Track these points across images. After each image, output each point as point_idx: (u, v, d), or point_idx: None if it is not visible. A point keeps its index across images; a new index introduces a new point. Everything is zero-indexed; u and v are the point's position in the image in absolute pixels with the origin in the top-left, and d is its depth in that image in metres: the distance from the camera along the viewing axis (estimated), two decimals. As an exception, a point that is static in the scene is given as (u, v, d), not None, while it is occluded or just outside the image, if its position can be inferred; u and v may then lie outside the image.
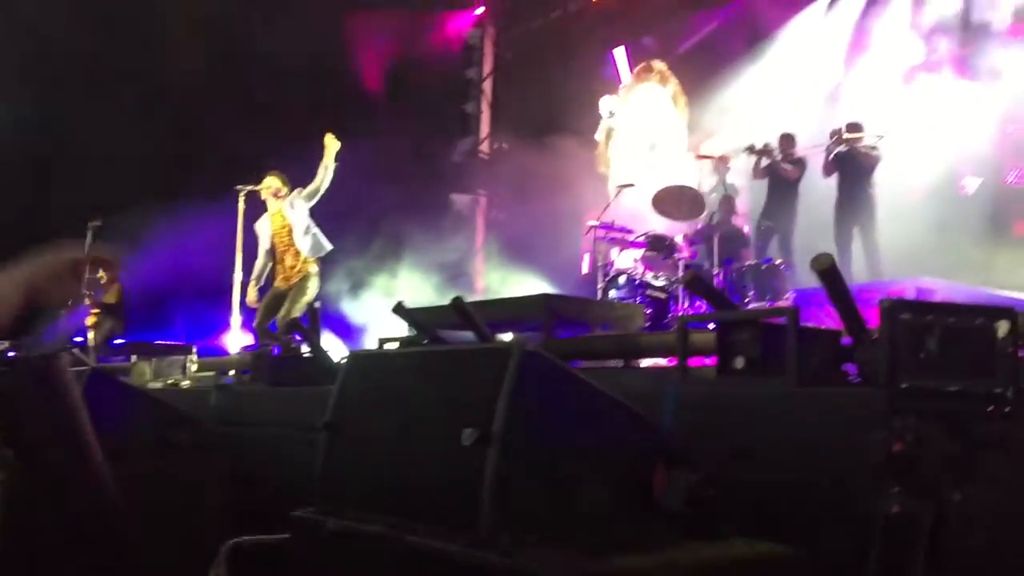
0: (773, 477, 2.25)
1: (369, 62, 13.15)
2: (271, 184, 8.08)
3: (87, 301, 11.03)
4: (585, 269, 9.89)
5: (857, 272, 8.39)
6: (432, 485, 2.29)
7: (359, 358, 2.86)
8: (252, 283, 8.16)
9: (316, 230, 8.02)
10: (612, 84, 13.17)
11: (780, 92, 10.81)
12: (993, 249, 8.85)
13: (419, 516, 2.26)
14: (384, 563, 2.27)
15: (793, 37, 11.08)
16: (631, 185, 9.82)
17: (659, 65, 12.36)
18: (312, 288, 7.98)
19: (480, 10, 15.36)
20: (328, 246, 8.10)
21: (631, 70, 13.06)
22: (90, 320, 11.01)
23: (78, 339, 10.89)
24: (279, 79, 11.86)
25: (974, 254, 8.79)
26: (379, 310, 10.97)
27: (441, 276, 14.89)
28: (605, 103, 12.60)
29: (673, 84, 12.06)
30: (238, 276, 8.26)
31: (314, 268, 8.02)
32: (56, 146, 11.29)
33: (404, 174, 12.54)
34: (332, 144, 7.99)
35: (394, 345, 4.51)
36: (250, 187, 8.22)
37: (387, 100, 12.77)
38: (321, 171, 7.93)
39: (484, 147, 15.55)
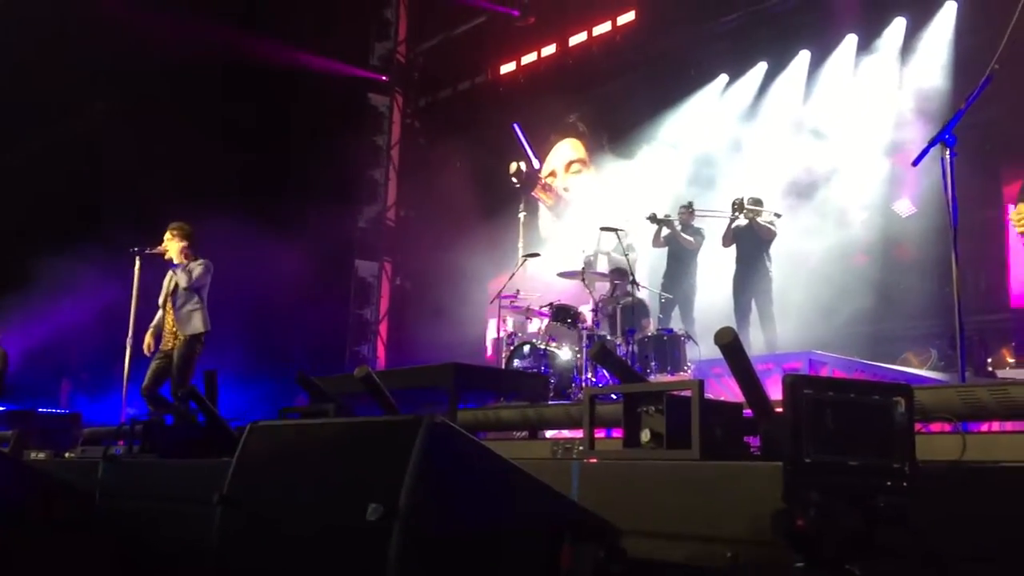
0: (678, 551, 2.25)
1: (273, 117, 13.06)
2: (165, 240, 7.79)
3: None
4: (490, 338, 9.93)
5: (754, 343, 8.63)
6: (336, 562, 2.21)
7: (259, 429, 2.77)
8: (150, 331, 7.76)
9: (196, 306, 7.65)
10: (517, 155, 13.43)
11: (681, 161, 11.21)
12: (879, 323, 9.26)
13: (320, 596, 2.18)
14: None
15: (694, 109, 11.54)
16: (536, 255, 9.96)
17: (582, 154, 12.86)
18: (190, 352, 7.57)
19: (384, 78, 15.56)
20: (199, 328, 7.66)
21: (529, 145, 13.39)
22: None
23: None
24: (179, 135, 11.67)
25: (862, 328, 9.17)
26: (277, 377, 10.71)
27: (345, 342, 14.72)
28: (514, 167, 12.99)
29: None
30: (130, 341, 7.92)
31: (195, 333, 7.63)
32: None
33: (308, 238, 12.42)
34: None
35: (296, 416, 4.39)
36: (148, 250, 7.92)
37: (292, 164, 12.68)
38: (182, 275, 7.61)
39: (390, 214, 15.56)
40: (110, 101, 11.55)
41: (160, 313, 7.81)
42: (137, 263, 7.90)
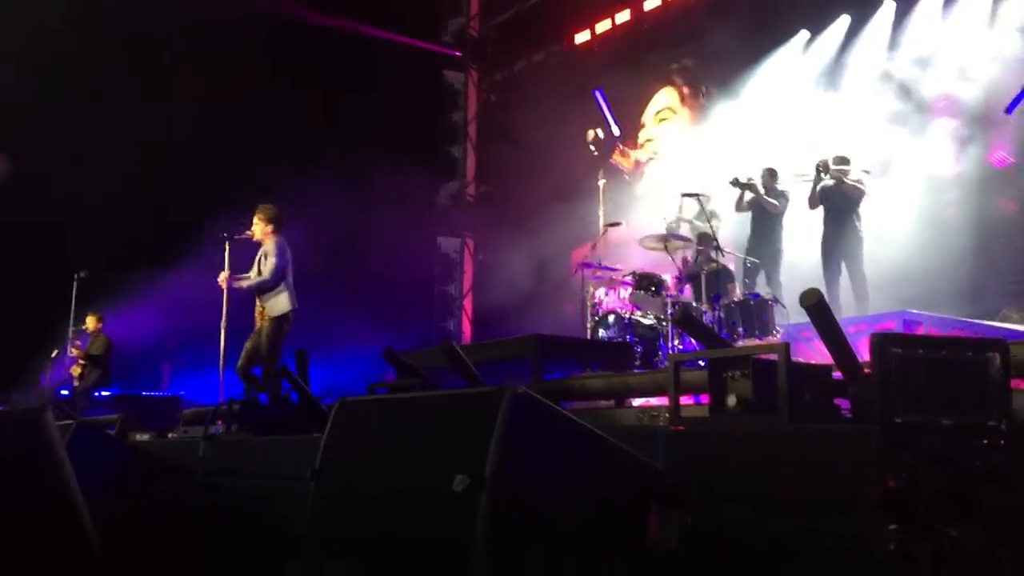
0: (768, 515, 2.22)
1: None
2: (253, 223, 8.01)
3: (74, 351, 10.95)
4: (574, 309, 9.89)
5: (846, 306, 8.41)
6: (425, 532, 2.26)
7: (348, 405, 2.83)
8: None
9: (281, 288, 7.81)
10: (595, 122, 13.31)
11: (762, 125, 10.94)
12: (977, 279, 8.91)
13: (412, 564, 2.22)
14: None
15: (773, 70, 11.24)
16: (618, 224, 9.86)
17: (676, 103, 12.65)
18: (276, 331, 7.74)
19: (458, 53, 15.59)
20: (286, 308, 7.82)
21: (610, 111, 13.23)
22: (76, 370, 10.92)
23: (64, 392, 10.79)
24: (260, 118, 11.92)
25: (959, 286, 8.84)
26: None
27: (431, 318, 14.90)
28: (591, 135, 12.90)
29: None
30: (224, 324, 8.14)
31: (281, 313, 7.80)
32: (47, 198, 11.31)
33: (390, 216, 12.57)
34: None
35: (383, 391, 4.48)
36: (236, 235, 8.13)
37: (370, 141, 12.79)
38: (265, 268, 7.78)
39: (470, 190, 15.63)
40: (198, 85, 11.83)
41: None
42: (227, 247, 8.10)
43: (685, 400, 3.09)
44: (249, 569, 3.09)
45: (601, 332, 8.12)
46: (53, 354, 11.40)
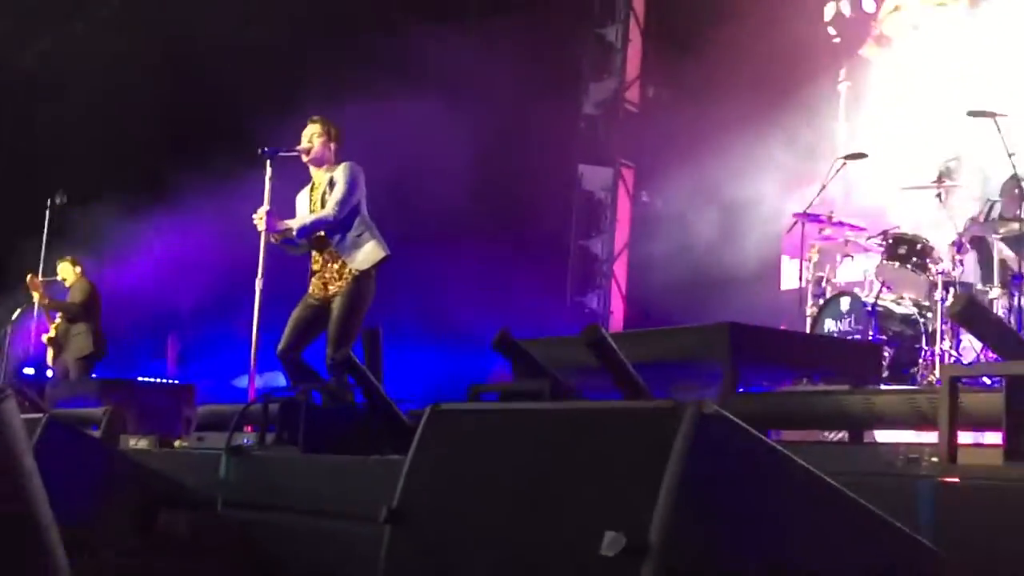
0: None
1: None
2: (307, 134, 8.01)
3: (36, 297, 11.12)
4: (787, 285, 9.78)
5: None
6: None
7: (442, 415, 2.88)
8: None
9: (362, 228, 7.85)
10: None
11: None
12: None
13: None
14: None
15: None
16: (863, 155, 9.61)
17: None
18: (357, 296, 7.80)
19: None
20: (379, 255, 7.86)
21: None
22: (50, 334, 11.15)
23: (28, 370, 11.26)
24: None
25: None
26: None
27: (565, 288, 14.96)
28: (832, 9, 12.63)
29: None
30: (260, 283, 8.18)
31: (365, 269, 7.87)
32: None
33: (509, 130, 12.64)
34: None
35: (493, 397, 4.53)
36: (284, 151, 8.17)
37: (489, 22, 12.89)
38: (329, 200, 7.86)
39: (631, 94, 15.51)
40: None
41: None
42: (268, 170, 8.16)
43: (963, 437, 3.04)
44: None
45: (829, 323, 8.06)
46: (15, 314, 11.79)
